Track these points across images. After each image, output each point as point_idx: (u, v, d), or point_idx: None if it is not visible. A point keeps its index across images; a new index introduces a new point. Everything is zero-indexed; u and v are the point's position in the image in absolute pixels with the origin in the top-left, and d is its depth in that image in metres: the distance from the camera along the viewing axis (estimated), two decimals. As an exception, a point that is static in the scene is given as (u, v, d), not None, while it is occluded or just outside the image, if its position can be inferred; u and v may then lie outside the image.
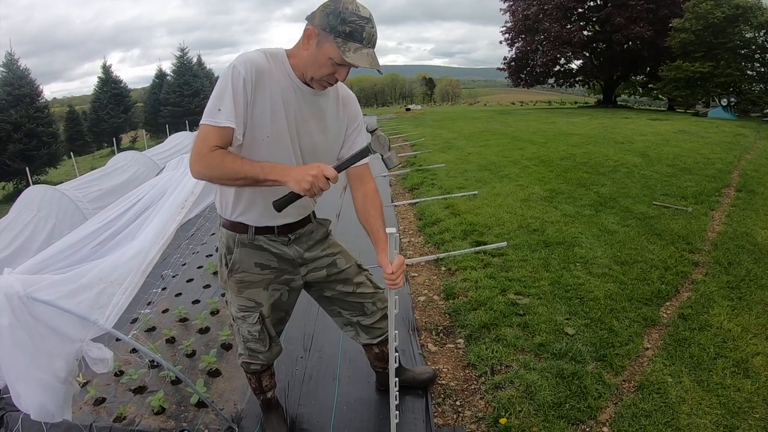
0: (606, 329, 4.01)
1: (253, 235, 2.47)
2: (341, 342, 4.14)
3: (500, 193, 8.36)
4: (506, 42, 44.06)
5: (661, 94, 35.71)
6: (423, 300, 4.87)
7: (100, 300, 2.61)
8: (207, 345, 4.28)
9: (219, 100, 2.05)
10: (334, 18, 1.98)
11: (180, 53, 45.62)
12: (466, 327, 4.22)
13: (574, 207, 7.37)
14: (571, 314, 4.27)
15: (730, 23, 28.60)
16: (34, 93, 29.90)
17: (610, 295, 4.56)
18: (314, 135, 2.32)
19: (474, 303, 4.54)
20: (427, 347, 4.05)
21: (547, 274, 5.03)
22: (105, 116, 41.77)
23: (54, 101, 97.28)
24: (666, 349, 3.75)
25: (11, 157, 26.88)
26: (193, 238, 7.25)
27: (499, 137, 16.96)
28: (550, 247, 5.78)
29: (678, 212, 7.04)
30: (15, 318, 2.31)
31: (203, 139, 2.08)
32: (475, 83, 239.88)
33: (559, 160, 11.24)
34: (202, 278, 5.81)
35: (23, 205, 6.84)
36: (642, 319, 4.17)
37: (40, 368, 2.41)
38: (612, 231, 6.26)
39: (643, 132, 16.32)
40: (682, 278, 4.98)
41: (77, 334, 2.48)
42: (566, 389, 3.29)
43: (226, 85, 2.05)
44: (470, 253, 5.74)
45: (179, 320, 4.80)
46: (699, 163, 10.47)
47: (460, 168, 11.20)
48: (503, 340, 3.92)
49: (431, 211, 7.63)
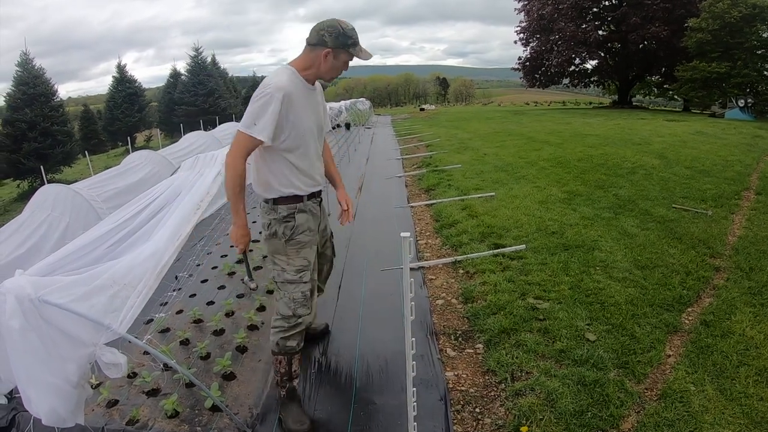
0: (627, 335, 3.94)
1: (306, 201, 3.17)
2: (358, 346, 4.07)
3: (518, 195, 8.27)
4: (521, 42, 43.81)
5: (678, 94, 35.29)
6: (441, 303, 4.79)
7: (114, 303, 2.55)
8: (222, 347, 4.23)
9: (256, 117, 2.82)
10: (343, 38, 2.92)
11: (194, 53, 45.76)
12: (485, 332, 4.14)
13: (593, 209, 7.28)
14: (591, 319, 4.20)
15: (747, 23, 28.21)
16: (49, 92, 30.07)
17: (631, 300, 4.48)
18: (320, 118, 3.21)
19: (493, 307, 4.46)
20: (446, 352, 3.98)
21: (566, 278, 4.95)
22: (119, 115, 42.04)
23: (69, 100, 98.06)
24: (688, 356, 3.68)
25: (26, 156, 27.01)
26: (208, 238, 7.20)
27: (515, 138, 16.86)
28: (570, 250, 5.69)
29: (698, 215, 6.93)
30: (26, 321, 2.25)
31: (237, 144, 2.90)
32: (489, 83, 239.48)
33: (577, 162, 11.14)
34: (217, 279, 5.75)
35: (37, 204, 6.80)
36: (664, 325, 4.10)
37: (52, 372, 2.35)
38: (632, 234, 6.16)
39: (660, 133, 16.16)
40: (704, 283, 4.90)
41: (90, 338, 2.41)
42: (588, 397, 3.23)
43: (263, 107, 2.81)
44: (488, 256, 5.66)
45: (193, 321, 4.74)
46: (717, 165, 10.34)
47: (477, 169, 11.11)
48: (523, 345, 3.86)
49: (448, 212, 7.54)
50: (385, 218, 7.64)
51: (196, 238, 6.80)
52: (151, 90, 63.19)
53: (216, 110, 43.81)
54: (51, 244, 6.24)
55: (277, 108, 2.82)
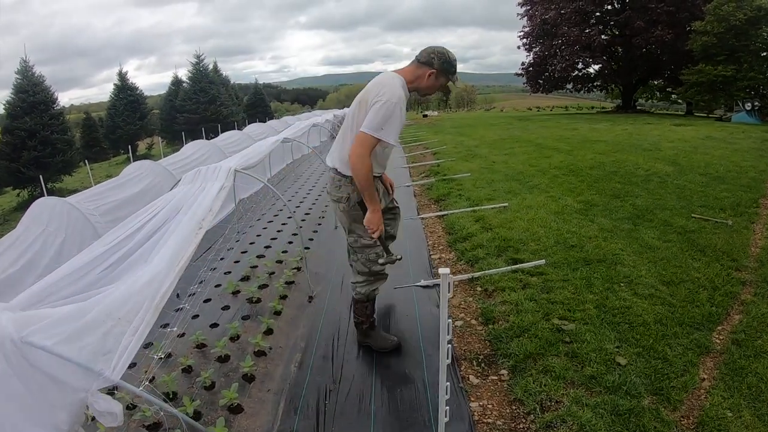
0: (659, 358, 3.72)
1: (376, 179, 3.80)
2: (374, 372, 3.82)
3: (532, 205, 7.99)
4: (524, 47, 43.68)
5: (683, 98, 35.02)
6: (460, 325, 4.54)
7: (107, 343, 2.29)
8: (227, 376, 3.97)
9: (383, 123, 3.31)
10: (447, 64, 3.54)
11: (196, 60, 45.68)
12: (509, 356, 3.90)
13: (611, 220, 7.02)
14: (621, 341, 3.96)
15: (752, 25, 28.03)
16: (48, 100, 29.95)
17: (660, 320, 4.25)
18: None
19: (516, 329, 4.21)
20: (469, 380, 3.75)
21: (591, 296, 4.69)
22: (121, 123, 42.06)
23: (72, 108, 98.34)
24: (723, 379, 3.51)
25: (26, 165, 26.87)
26: (211, 251, 6.97)
27: (523, 145, 16.69)
28: (591, 265, 5.42)
29: (718, 225, 6.71)
30: (8, 365, 1.98)
31: (364, 144, 3.35)
32: (490, 88, 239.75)
33: (589, 169, 10.90)
34: (221, 299, 5.46)
35: (32, 218, 6.52)
36: (695, 346, 3.89)
37: (39, 423, 2.08)
38: (654, 247, 5.92)
39: (669, 138, 16.02)
40: (732, 299, 4.69)
41: (81, 384, 2.15)
42: (623, 428, 3.03)
43: (391, 116, 3.32)
44: (507, 272, 5.40)
45: (196, 346, 4.45)
46: (732, 172, 10.14)
47: (487, 178, 10.83)
48: (551, 372, 3.62)
49: (461, 224, 7.26)
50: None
51: (198, 253, 6.54)
52: (153, 97, 63.24)
53: (218, 118, 43.75)
54: (46, 261, 5.99)
55: (400, 116, 3.40)
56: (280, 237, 7.77)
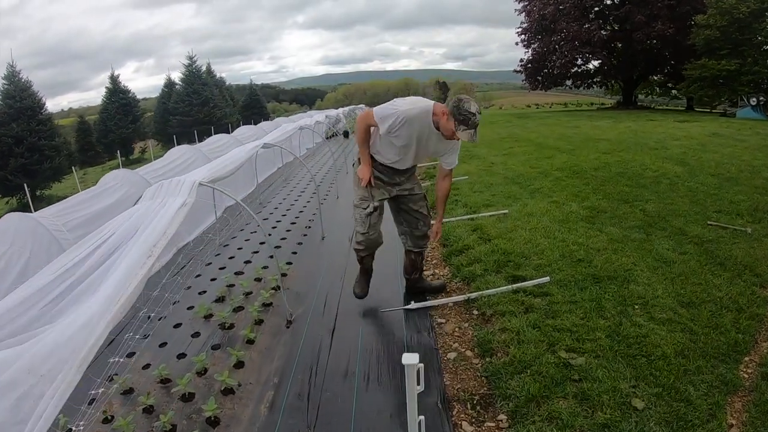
0: (682, 400, 3.20)
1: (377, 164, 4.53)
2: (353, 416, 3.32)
3: (534, 212, 7.44)
4: (522, 43, 43.07)
5: (685, 93, 34.50)
6: (453, 358, 4.03)
7: (21, 410, 1.82)
8: (190, 419, 3.51)
9: (384, 114, 4.09)
10: (457, 111, 3.79)
11: (189, 62, 45.33)
12: (509, 398, 3.38)
13: (621, 229, 6.47)
14: (637, 379, 3.44)
15: (756, 18, 27.51)
16: (36, 105, 29.66)
17: (681, 351, 3.73)
18: (429, 149, 4.35)
19: (517, 364, 3.69)
20: (461, 427, 3.25)
21: (602, 322, 4.15)
22: (113, 126, 41.83)
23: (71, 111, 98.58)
24: (753, 424, 3.04)
25: (13, 172, 26.53)
26: (183, 270, 6.47)
27: (523, 144, 16.17)
28: (601, 283, 4.88)
29: (737, 234, 6.18)
30: None
31: (367, 116, 4.23)
32: (488, 86, 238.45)
33: (593, 171, 10.36)
34: (191, 324, 4.95)
35: (-2, 235, 6.02)
36: (721, 383, 3.38)
37: None
38: (669, 261, 5.38)
39: (674, 135, 15.55)
40: (758, 323, 4.18)
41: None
42: None
43: (388, 116, 4.05)
44: (507, 292, 4.85)
45: (160, 381, 3.96)
46: (744, 172, 9.63)
47: (485, 181, 10.26)
48: (558, 418, 3.11)
49: (457, 234, 6.71)
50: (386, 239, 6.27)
51: (172, 270, 6.06)
52: (150, 100, 62.97)
53: (211, 120, 43.48)
54: (7, 284, 5.47)
55: (396, 122, 4.03)
56: (262, 250, 7.23)
